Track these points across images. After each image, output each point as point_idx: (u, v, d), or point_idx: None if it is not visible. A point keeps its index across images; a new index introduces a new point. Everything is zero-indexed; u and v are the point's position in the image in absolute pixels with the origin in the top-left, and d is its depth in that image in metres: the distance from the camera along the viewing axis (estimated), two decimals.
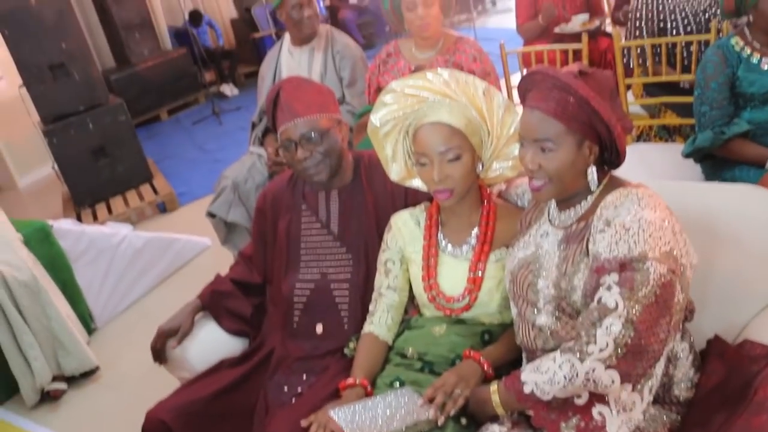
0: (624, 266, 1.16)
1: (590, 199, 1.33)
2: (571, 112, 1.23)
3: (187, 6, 8.10)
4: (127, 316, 3.43)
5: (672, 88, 2.95)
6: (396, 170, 1.64)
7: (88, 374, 2.94)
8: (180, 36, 7.99)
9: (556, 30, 3.68)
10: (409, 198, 1.76)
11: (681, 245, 1.22)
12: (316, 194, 1.85)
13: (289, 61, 3.08)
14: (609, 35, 3.69)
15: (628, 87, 3.00)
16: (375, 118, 1.54)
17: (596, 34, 3.73)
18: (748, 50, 2.16)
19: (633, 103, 3.04)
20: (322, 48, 3.02)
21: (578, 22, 3.64)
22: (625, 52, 2.94)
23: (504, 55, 3.10)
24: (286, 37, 3.12)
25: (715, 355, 1.40)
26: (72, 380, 2.91)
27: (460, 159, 1.46)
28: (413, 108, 1.49)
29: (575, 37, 3.30)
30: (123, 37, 7.12)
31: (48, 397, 2.82)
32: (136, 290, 3.55)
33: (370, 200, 1.79)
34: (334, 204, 1.83)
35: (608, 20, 4.29)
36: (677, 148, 2.53)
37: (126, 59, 7.26)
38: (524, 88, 1.32)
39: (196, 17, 7.97)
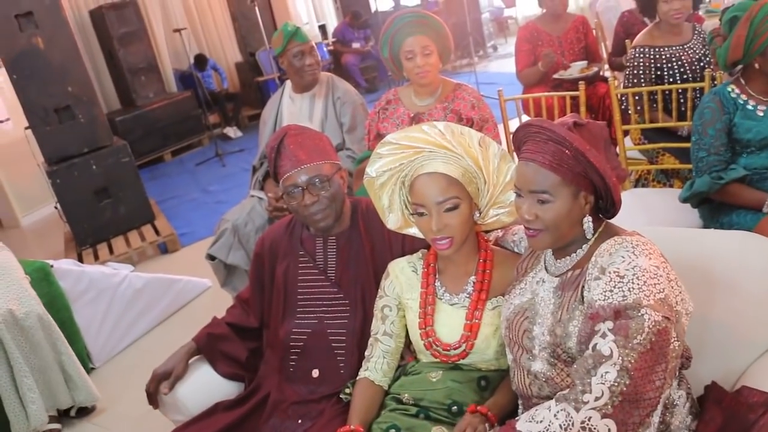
0: (619, 314, 1.17)
1: (585, 247, 1.34)
2: (567, 164, 1.25)
3: (193, 50, 8.26)
4: (125, 357, 3.42)
5: (670, 132, 2.99)
6: (393, 220, 1.65)
7: (84, 414, 2.93)
8: (185, 79, 8.15)
9: (555, 76, 3.75)
10: (407, 245, 1.77)
11: (676, 292, 1.23)
12: (314, 240, 1.87)
13: (290, 106, 3.13)
14: (607, 80, 3.76)
15: (626, 133, 3.04)
16: (371, 170, 1.57)
17: (594, 80, 3.80)
18: (744, 97, 2.20)
19: (631, 149, 3.07)
20: (323, 95, 3.07)
21: (576, 68, 3.72)
22: (623, 98, 2.99)
23: (502, 102, 3.15)
24: (288, 83, 3.18)
25: (712, 402, 1.39)
26: (68, 421, 2.90)
27: (458, 208, 1.47)
28: (409, 159, 1.51)
29: (574, 83, 3.35)
30: (129, 79, 7.26)
31: None
32: (135, 330, 3.54)
33: (368, 246, 1.81)
34: (332, 250, 1.84)
35: (606, 66, 4.37)
36: (675, 192, 2.55)
37: (131, 101, 7.39)
38: (519, 140, 1.35)
39: (201, 61, 8.13)
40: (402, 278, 1.65)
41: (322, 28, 10.21)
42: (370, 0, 9.80)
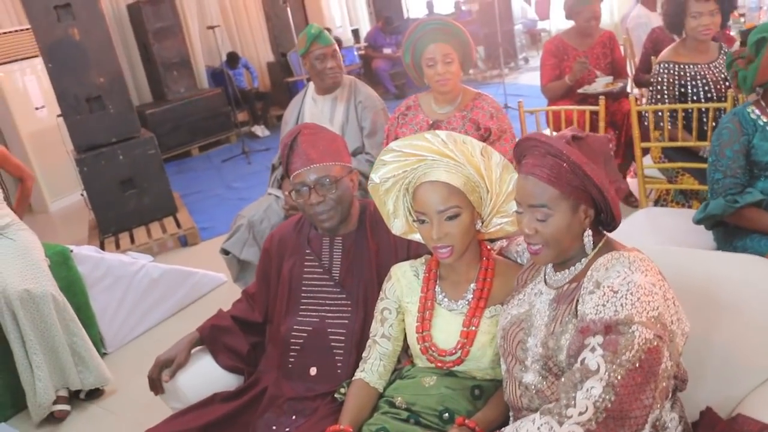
0: (609, 328, 1.16)
1: (584, 261, 1.34)
2: (565, 177, 1.25)
3: (226, 47, 8.37)
4: (137, 344, 3.48)
5: (691, 152, 2.96)
6: (397, 225, 1.67)
7: (93, 397, 3.01)
8: (216, 76, 8.26)
9: (579, 91, 3.73)
10: (412, 250, 1.78)
11: (672, 311, 1.22)
12: (321, 240, 1.89)
13: (312, 108, 3.16)
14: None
15: (647, 150, 3.01)
16: (375, 176, 1.58)
17: (620, 96, 3.77)
18: (764, 119, 2.17)
19: (650, 167, 3.05)
20: (345, 98, 3.10)
21: (601, 83, 3.70)
22: (645, 115, 2.97)
23: (522, 114, 3.15)
24: (311, 85, 3.21)
25: (706, 428, 1.38)
26: (77, 403, 2.99)
27: (459, 217, 1.48)
28: (413, 166, 1.52)
29: (599, 98, 3.32)
30: (162, 74, 7.40)
31: (53, 418, 2.88)
32: (149, 319, 3.60)
33: (373, 249, 1.82)
34: (338, 250, 1.86)
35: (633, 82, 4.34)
36: (691, 213, 2.52)
37: (163, 95, 7.52)
38: (519, 154, 1.36)
39: (233, 59, 8.24)
40: (403, 281, 1.66)
41: (355, 33, 10.28)
42: (403, 6, 9.84)
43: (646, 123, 2.95)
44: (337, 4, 10.24)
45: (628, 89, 4.12)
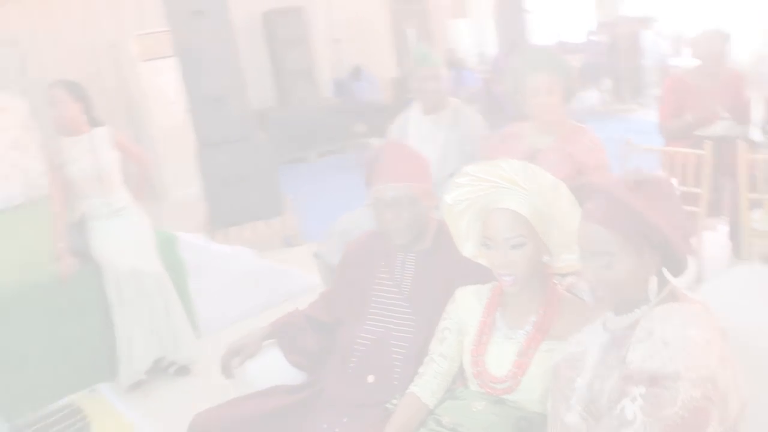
0: (654, 381, 1.13)
1: (645, 308, 1.30)
2: (627, 224, 1.23)
3: (351, 60, 8.65)
4: (228, 333, 3.62)
5: None
6: (468, 248, 1.70)
7: (181, 374, 3.26)
8: (339, 86, 8.55)
9: (697, 133, 3.55)
10: (481, 274, 1.79)
11: (727, 373, 1.16)
12: (395, 254, 1.94)
13: (416, 126, 3.22)
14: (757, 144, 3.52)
15: (755, 202, 2.83)
16: (448, 198, 1.62)
17: None
18: None
19: (760, 221, 2.86)
20: (446, 121, 3.13)
21: (721, 126, 3.50)
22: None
23: (626, 151, 3.05)
24: (416, 103, 3.28)
25: None
26: (166, 376, 3.24)
27: (524, 246, 1.49)
28: (485, 192, 1.55)
29: (719, 142, 3.13)
30: (287, 80, 7.78)
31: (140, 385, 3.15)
32: (242, 311, 3.76)
33: (444, 268, 1.86)
34: (410, 266, 1.91)
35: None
36: None
37: (287, 101, 7.90)
38: (581, 199, 1.34)
39: (357, 71, 8.50)
40: (466, 304, 1.68)
41: (481, 55, 10.30)
42: (529, 32, 9.75)
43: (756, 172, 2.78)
44: (464, 25, 10.31)
45: (755, 136, 3.86)
